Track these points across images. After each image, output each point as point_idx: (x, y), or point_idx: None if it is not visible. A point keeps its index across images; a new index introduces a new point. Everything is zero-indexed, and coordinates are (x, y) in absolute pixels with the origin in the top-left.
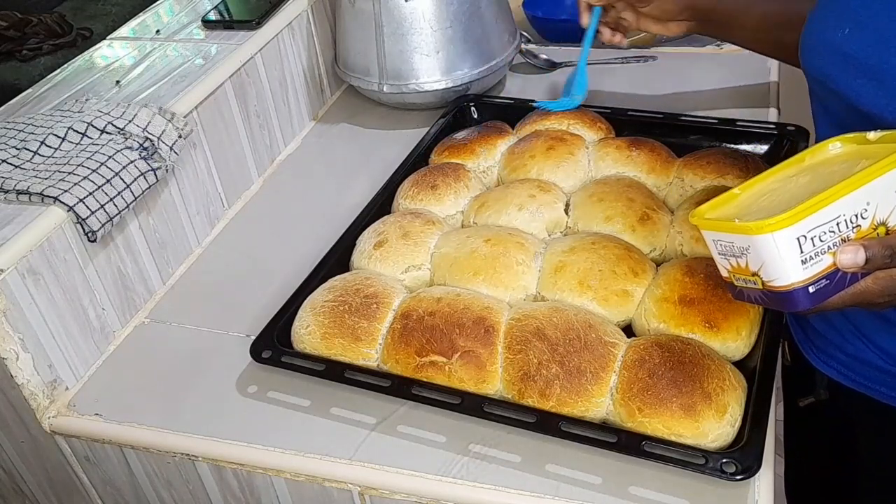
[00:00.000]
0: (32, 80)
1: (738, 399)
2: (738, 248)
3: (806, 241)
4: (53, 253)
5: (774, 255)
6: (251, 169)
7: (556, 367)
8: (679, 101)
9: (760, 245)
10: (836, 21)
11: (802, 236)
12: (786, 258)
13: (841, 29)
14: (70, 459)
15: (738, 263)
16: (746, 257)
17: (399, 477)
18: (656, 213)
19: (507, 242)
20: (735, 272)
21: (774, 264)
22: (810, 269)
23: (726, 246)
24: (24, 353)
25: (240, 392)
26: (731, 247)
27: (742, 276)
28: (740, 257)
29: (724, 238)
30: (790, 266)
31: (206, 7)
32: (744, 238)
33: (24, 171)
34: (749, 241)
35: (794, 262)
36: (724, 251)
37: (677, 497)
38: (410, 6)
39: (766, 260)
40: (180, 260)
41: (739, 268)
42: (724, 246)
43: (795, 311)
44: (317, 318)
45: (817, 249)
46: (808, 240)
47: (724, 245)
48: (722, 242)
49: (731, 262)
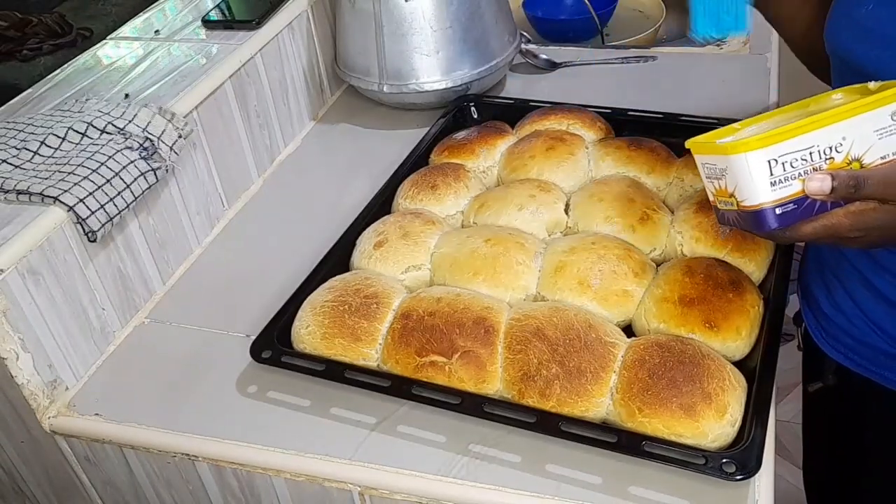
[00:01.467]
0: (32, 80)
1: (739, 399)
2: (719, 169)
3: (777, 164)
4: (53, 253)
5: (746, 174)
6: (251, 169)
7: (556, 367)
8: (679, 101)
9: (734, 164)
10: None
11: (773, 159)
12: (756, 178)
13: (865, 5)
14: (70, 459)
15: (719, 185)
16: (725, 179)
17: (399, 477)
18: (656, 213)
19: (507, 242)
20: (718, 195)
21: (746, 184)
22: (779, 192)
23: (711, 168)
24: (24, 353)
25: (240, 392)
26: (714, 168)
27: (722, 199)
28: (720, 179)
29: (709, 160)
30: (759, 186)
31: (207, 7)
32: (722, 158)
33: (25, 171)
34: (726, 161)
35: (763, 183)
36: (710, 174)
37: (677, 497)
38: (410, 6)
39: (739, 179)
40: (180, 260)
41: (720, 190)
42: (710, 169)
43: (765, 232)
44: (317, 318)
45: (787, 174)
46: (778, 163)
47: (710, 168)
48: (708, 165)
49: (714, 185)
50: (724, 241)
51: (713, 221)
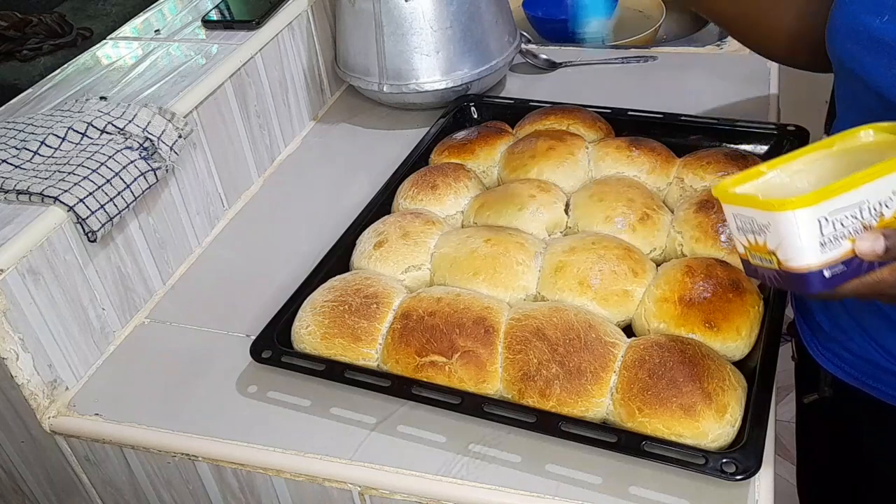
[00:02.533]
0: (32, 79)
1: (738, 399)
2: (759, 224)
3: (827, 223)
4: (53, 253)
5: (794, 234)
6: (251, 169)
7: (556, 367)
8: (679, 100)
9: (781, 222)
10: (873, 6)
11: (824, 218)
12: (804, 238)
13: (879, 15)
14: (70, 459)
15: (755, 240)
16: (765, 234)
17: (399, 477)
18: (656, 213)
19: (507, 242)
20: (752, 249)
21: (792, 244)
22: (828, 253)
23: (746, 221)
24: (24, 353)
25: (240, 392)
26: (751, 222)
27: (758, 254)
28: (759, 234)
29: (744, 213)
30: (808, 247)
31: (207, 6)
32: (765, 214)
33: (24, 171)
34: (770, 217)
35: (812, 244)
36: (743, 226)
37: (677, 497)
38: (410, 6)
39: (784, 238)
40: (180, 260)
41: (757, 245)
42: (744, 221)
43: (808, 295)
44: (317, 318)
45: (837, 234)
46: (829, 222)
47: (744, 220)
48: (741, 217)
49: (748, 239)
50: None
51: (713, 221)
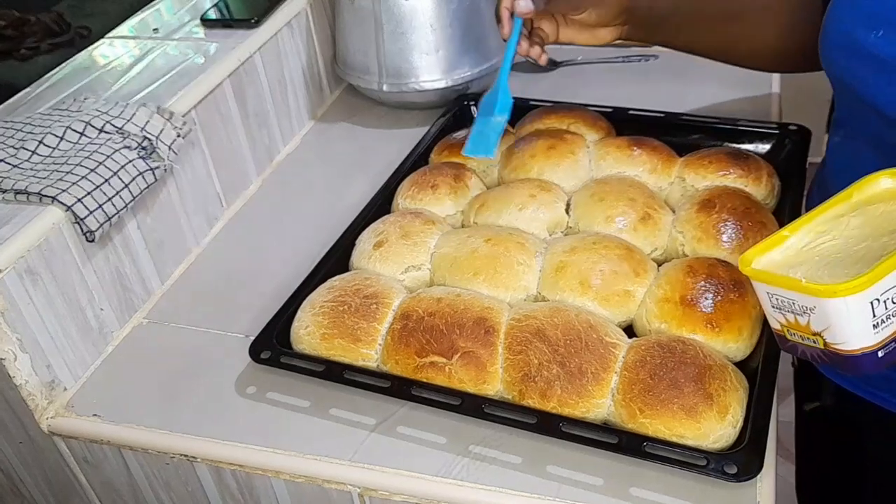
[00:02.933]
0: (30, 79)
1: (740, 400)
2: (800, 306)
3: (879, 304)
4: (51, 253)
5: (845, 319)
6: (250, 168)
7: (556, 368)
8: (680, 99)
9: (830, 308)
10: (866, 19)
11: (876, 299)
12: (857, 322)
13: (874, 30)
14: (68, 460)
15: (796, 320)
16: (809, 316)
17: (399, 478)
18: (657, 212)
19: (507, 242)
20: (790, 327)
21: (843, 328)
22: (882, 333)
23: (784, 301)
24: (22, 354)
25: (239, 393)
26: (791, 303)
27: (799, 333)
28: (801, 315)
29: (782, 293)
30: (861, 330)
31: (205, 5)
32: (809, 298)
33: (22, 170)
34: (816, 302)
35: (865, 327)
36: (781, 305)
37: (679, 498)
38: (410, 4)
39: (833, 323)
40: (179, 260)
41: (797, 325)
42: (781, 300)
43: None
44: (316, 318)
45: (889, 312)
46: (880, 303)
47: (782, 300)
48: (778, 297)
49: (787, 318)
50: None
51: (715, 221)
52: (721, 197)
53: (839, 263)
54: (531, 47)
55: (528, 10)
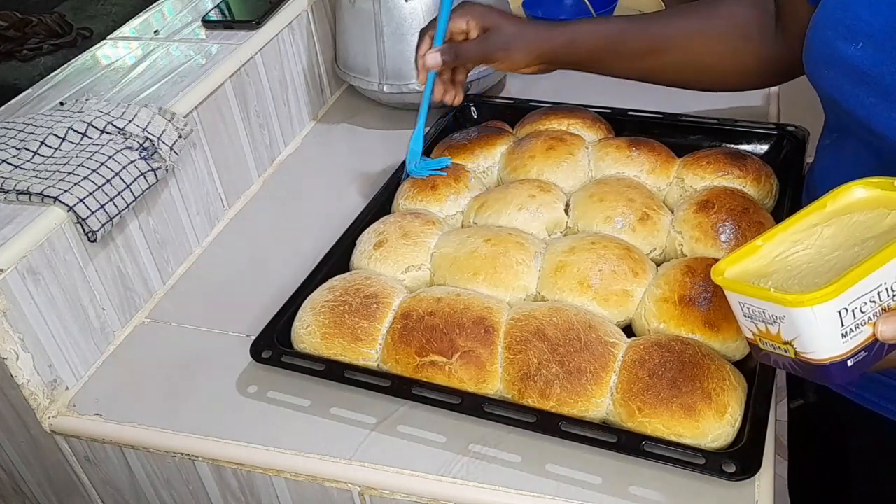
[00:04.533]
0: (32, 80)
1: (738, 399)
2: (770, 315)
3: (847, 313)
4: (53, 253)
5: (813, 328)
6: (251, 169)
7: (556, 367)
8: (679, 100)
9: (798, 317)
10: (846, 32)
11: (844, 309)
12: (825, 332)
13: (853, 42)
14: (70, 459)
15: (767, 329)
16: (779, 325)
17: (399, 477)
18: (656, 213)
19: (507, 242)
20: (762, 336)
21: (812, 337)
22: (850, 342)
23: (755, 310)
24: (24, 353)
25: (240, 392)
26: (762, 313)
27: (771, 342)
28: (772, 324)
29: (752, 302)
30: (830, 340)
31: (207, 7)
32: (779, 307)
33: (25, 171)
34: (785, 311)
35: (833, 336)
36: (752, 315)
37: (677, 497)
38: (410, 6)
39: (802, 332)
40: (180, 260)
41: (769, 334)
42: (753, 310)
43: (828, 383)
44: (317, 318)
45: (857, 321)
46: (848, 312)
47: (753, 309)
48: (749, 306)
49: (758, 327)
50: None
51: (713, 222)
52: (719, 197)
53: (810, 273)
54: (445, 93)
55: (434, 63)
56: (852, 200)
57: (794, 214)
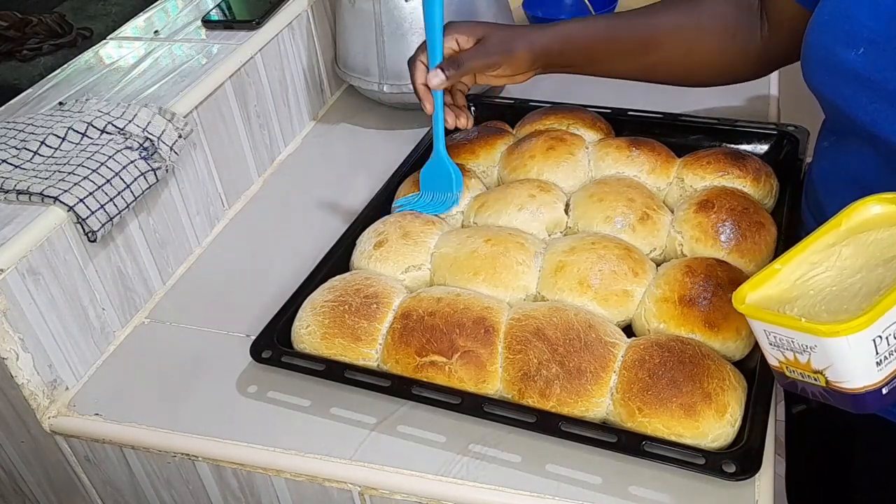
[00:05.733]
0: (32, 80)
1: (738, 399)
2: (800, 344)
3: (881, 341)
4: (53, 253)
5: (847, 357)
6: (251, 169)
7: (556, 367)
8: (679, 100)
9: (832, 347)
10: (846, 37)
11: (878, 336)
12: (860, 360)
13: (854, 48)
14: (70, 459)
15: (795, 358)
16: (810, 355)
17: (399, 477)
18: (656, 213)
19: (507, 242)
20: (789, 365)
21: (846, 366)
22: (885, 370)
23: (782, 339)
24: (24, 353)
25: (240, 392)
26: (790, 342)
27: (799, 370)
28: (801, 353)
29: (780, 332)
30: (864, 368)
31: (207, 6)
32: (810, 337)
33: (25, 171)
34: (817, 341)
35: (868, 364)
36: (779, 343)
37: (677, 497)
38: (410, 6)
39: (835, 361)
40: (180, 260)
41: (797, 363)
42: (779, 338)
43: (861, 412)
44: (317, 318)
45: (892, 348)
46: (882, 339)
47: (780, 337)
48: (776, 335)
49: (785, 356)
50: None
51: (713, 222)
52: (719, 197)
53: (836, 297)
54: (457, 118)
55: (439, 82)
56: (868, 217)
57: (810, 235)
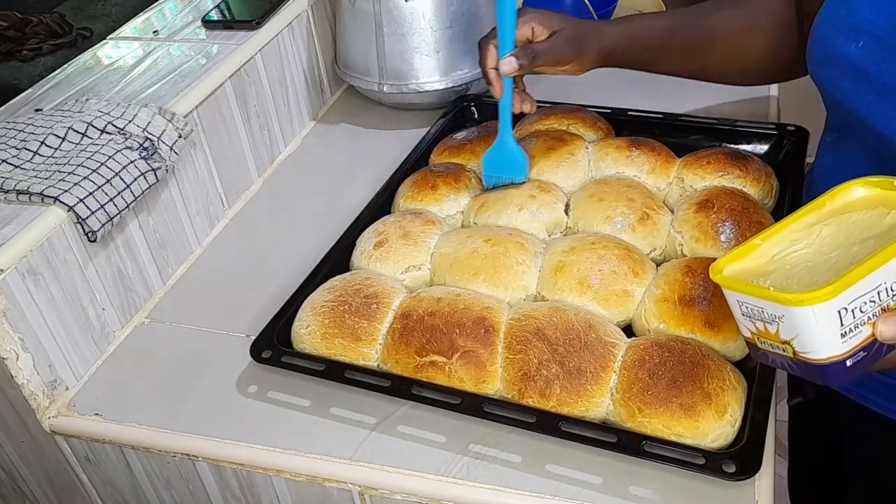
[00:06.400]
0: (32, 80)
1: (738, 399)
2: (769, 314)
3: (847, 313)
4: (53, 253)
5: (813, 327)
6: (251, 169)
7: (556, 367)
8: (679, 100)
9: (798, 316)
10: (848, 30)
11: (843, 308)
12: (825, 331)
13: (854, 41)
14: (70, 459)
15: (765, 328)
16: (778, 324)
17: (399, 477)
18: (656, 213)
19: (507, 242)
20: (760, 335)
21: (812, 337)
22: (849, 342)
23: (753, 309)
24: (24, 353)
25: (240, 392)
26: (761, 311)
27: (769, 341)
28: (770, 323)
29: (751, 301)
30: (829, 339)
31: (207, 6)
32: (778, 306)
33: (25, 171)
34: (784, 310)
35: (833, 336)
36: (751, 313)
37: (677, 497)
38: (410, 6)
39: (802, 331)
40: (180, 260)
41: (767, 333)
42: (751, 308)
43: (827, 384)
44: (317, 318)
45: (857, 321)
46: (848, 312)
47: (751, 308)
48: (748, 305)
49: (756, 326)
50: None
51: (713, 222)
52: (719, 197)
53: (809, 272)
54: (523, 103)
55: (511, 69)
56: (851, 199)
57: (793, 213)
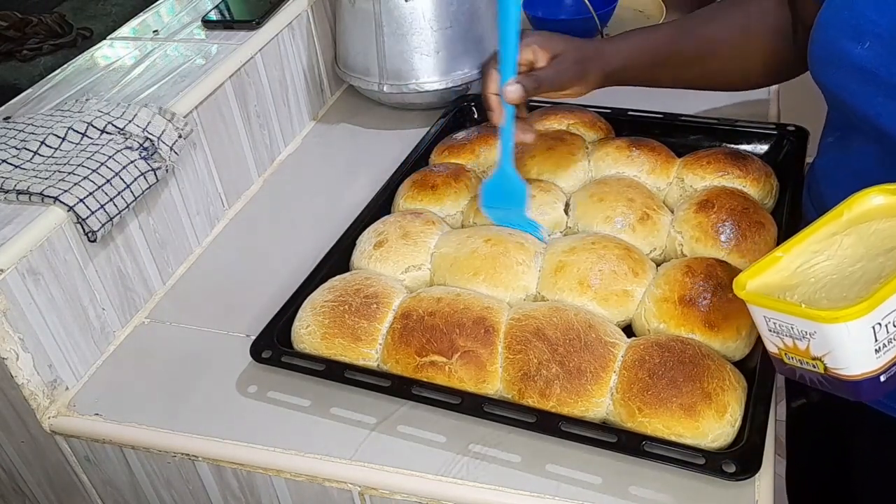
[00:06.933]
0: (32, 80)
1: (738, 399)
2: (799, 330)
3: (881, 328)
4: (53, 253)
5: (846, 343)
6: (251, 169)
7: (556, 367)
8: (679, 100)
9: (831, 333)
10: (852, 31)
11: (878, 324)
12: (859, 347)
13: (859, 42)
14: (70, 459)
15: (794, 345)
16: (809, 341)
17: (399, 477)
18: (656, 213)
19: (507, 242)
20: (788, 351)
21: (845, 353)
22: (883, 357)
23: (782, 325)
24: (24, 353)
25: (240, 392)
26: (790, 328)
27: (798, 357)
28: (800, 340)
29: (779, 317)
30: (863, 355)
31: (207, 7)
32: (809, 323)
33: (25, 171)
34: (817, 327)
35: (867, 352)
36: (778, 329)
37: (677, 497)
38: (410, 6)
39: (834, 348)
40: (180, 260)
41: (796, 349)
42: (779, 325)
43: (859, 399)
44: (317, 318)
45: (891, 335)
46: (882, 327)
47: (779, 324)
48: (776, 321)
49: (784, 342)
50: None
51: (713, 222)
52: (719, 197)
53: (836, 285)
54: (524, 133)
55: (517, 96)
56: (870, 208)
57: (811, 224)
